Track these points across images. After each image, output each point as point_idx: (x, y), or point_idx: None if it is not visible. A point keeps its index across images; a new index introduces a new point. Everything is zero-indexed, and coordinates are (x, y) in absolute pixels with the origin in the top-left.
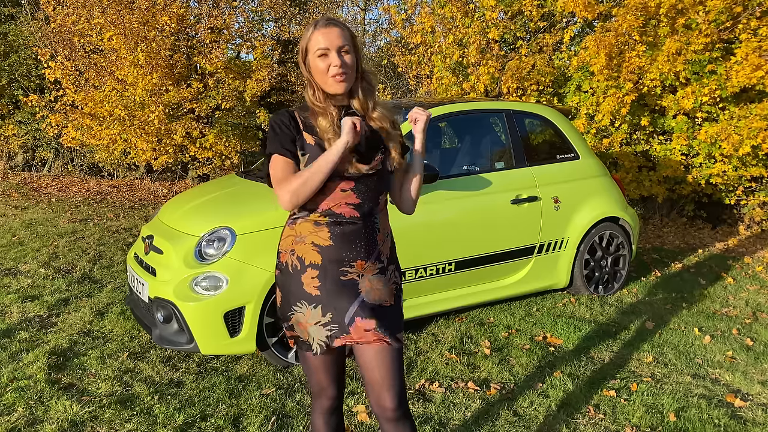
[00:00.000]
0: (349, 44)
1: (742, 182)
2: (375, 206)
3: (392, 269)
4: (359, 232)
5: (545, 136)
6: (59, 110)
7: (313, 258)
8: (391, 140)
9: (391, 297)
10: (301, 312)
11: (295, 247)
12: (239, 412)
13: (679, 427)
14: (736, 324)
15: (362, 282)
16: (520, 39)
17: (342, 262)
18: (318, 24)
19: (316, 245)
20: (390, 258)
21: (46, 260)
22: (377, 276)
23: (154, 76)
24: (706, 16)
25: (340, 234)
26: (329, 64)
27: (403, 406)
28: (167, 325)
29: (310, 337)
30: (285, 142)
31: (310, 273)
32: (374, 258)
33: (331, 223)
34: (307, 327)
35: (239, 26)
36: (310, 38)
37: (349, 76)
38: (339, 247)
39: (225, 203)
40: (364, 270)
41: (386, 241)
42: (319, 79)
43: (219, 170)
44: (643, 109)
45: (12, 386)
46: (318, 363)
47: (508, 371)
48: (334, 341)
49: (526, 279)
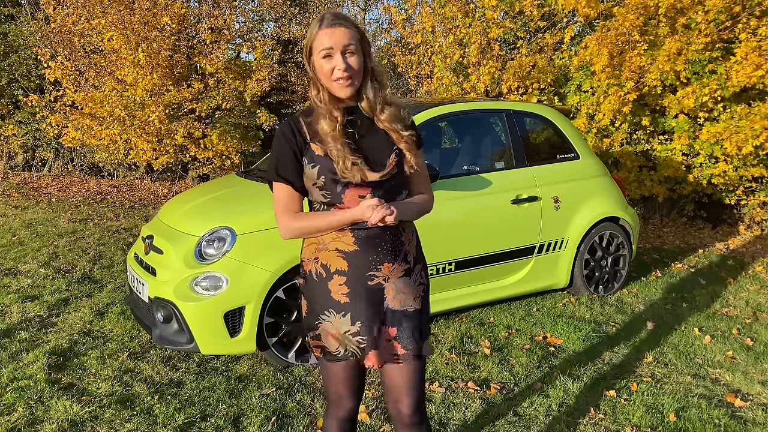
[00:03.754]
0: (356, 44)
1: (743, 182)
2: None
3: (419, 269)
4: (384, 234)
5: (545, 136)
6: (59, 110)
7: (339, 264)
8: (404, 141)
9: (417, 300)
10: (329, 321)
11: (318, 254)
12: (239, 412)
13: (679, 427)
14: (736, 324)
15: (388, 287)
16: (521, 39)
17: (369, 266)
18: (323, 22)
19: (341, 251)
20: (417, 257)
21: (46, 260)
22: (403, 279)
23: (154, 77)
24: (706, 16)
25: (365, 238)
26: (333, 67)
27: (420, 412)
28: (167, 325)
29: (341, 345)
30: (285, 167)
31: (337, 280)
32: (401, 259)
33: (354, 227)
34: (339, 335)
35: (239, 26)
36: (315, 37)
37: (355, 78)
38: (365, 251)
39: (225, 203)
40: (390, 273)
41: (412, 239)
42: (324, 81)
43: (219, 170)
44: (643, 109)
45: (12, 386)
46: (340, 373)
47: (508, 371)
48: (365, 358)
49: (526, 279)
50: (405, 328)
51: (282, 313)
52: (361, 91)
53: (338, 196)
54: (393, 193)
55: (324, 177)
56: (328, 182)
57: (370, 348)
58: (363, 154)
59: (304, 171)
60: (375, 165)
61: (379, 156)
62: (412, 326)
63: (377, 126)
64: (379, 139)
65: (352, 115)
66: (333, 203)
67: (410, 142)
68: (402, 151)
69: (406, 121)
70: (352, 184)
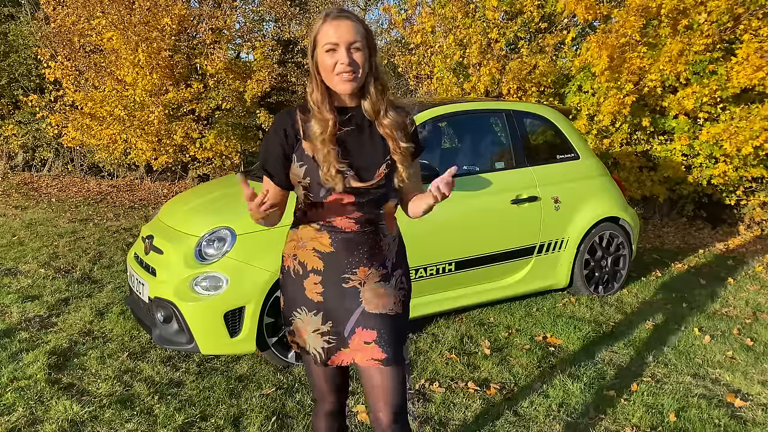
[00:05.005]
0: (362, 40)
1: (743, 183)
2: (379, 217)
3: (399, 274)
4: (361, 238)
5: (545, 136)
6: (59, 110)
7: (315, 264)
8: (399, 153)
9: (397, 305)
10: (300, 318)
11: (297, 252)
12: (239, 412)
13: (679, 427)
14: (737, 324)
15: (364, 290)
16: (522, 39)
17: (344, 269)
18: (329, 15)
19: (318, 251)
20: (396, 263)
21: (46, 260)
22: (380, 284)
23: (154, 77)
24: (708, 17)
25: (342, 240)
26: (336, 61)
27: (399, 420)
28: (167, 325)
29: (307, 345)
30: (270, 160)
31: (312, 279)
32: (378, 264)
33: (331, 230)
34: (304, 334)
35: (240, 27)
36: (320, 30)
37: (358, 75)
38: (340, 253)
39: (225, 203)
40: (366, 277)
41: (392, 245)
42: (326, 76)
43: (219, 170)
44: (643, 110)
45: (12, 386)
46: (319, 370)
47: (508, 371)
48: (332, 358)
49: (526, 279)
50: (384, 332)
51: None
52: (365, 90)
53: (320, 200)
54: (379, 202)
55: (309, 178)
56: (313, 184)
57: (339, 347)
58: (353, 160)
59: (291, 167)
60: (364, 172)
61: (369, 163)
62: (392, 329)
63: (376, 130)
64: (374, 144)
65: (350, 116)
66: (315, 205)
67: (406, 154)
68: (394, 163)
69: (407, 130)
70: (333, 191)
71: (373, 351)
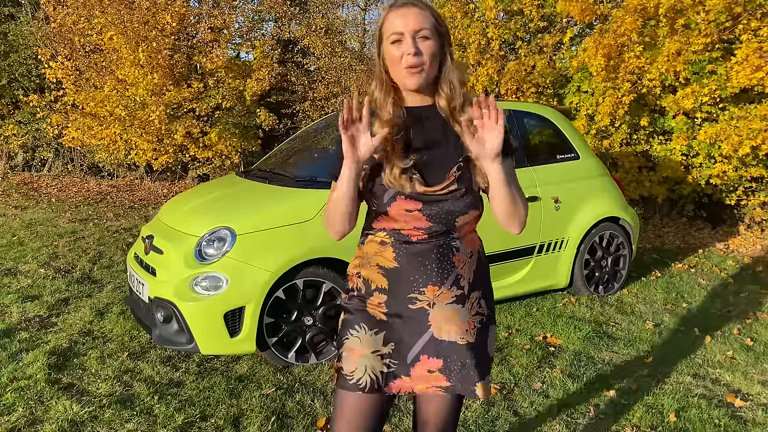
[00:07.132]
0: (430, 28)
1: (743, 182)
2: (451, 229)
3: (476, 297)
4: (430, 252)
5: (545, 136)
6: (59, 110)
7: (380, 282)
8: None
9: (470, 332)
10: (356, 337)
11: (361, 269)
12: (239, 412)
13: (679, 427)
14: (736, 324)
15: (434, 313)
16: (520, 39)
17: (410, 287)
18: (394, 4)
19: (382, 267)
20: (474, 283)
21: (46, 260)
22: (452, 305)
23: (154, 76)
24: (706, 16)
25: (406, 254)
26: (403, 53)
27: None
28: (167, 325)
29: (359, 368)
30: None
31: (377, 298)
32: (450, 283)
33: (396, 242)
34: (358, 356)
35: (239, 26)
36: (384, 21)
37: (428, 67)
38: (405, 269)
39: (225, 203)
40: (436, 298)
41: (469, 263)
42: (393, 72)
43: (219, 170)
44: (642, 110)
45: (12, 386)
46: (354, 405)
47: (508, 371)
48: (390, 384)
49: (526, 279)
50: (455, 362)
51: (282, 313)
52: (440, 86)
53: (384, 206)
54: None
55: (373, 182)
56: (377, 188)
57: (400, 374)
58: (423, 162)
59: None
60: (434, 177)
61: (438, 164)
62: (465, 361)
63: (451, 129)
64: (446, 144)
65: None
66: (379, 213)
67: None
68: (470, 162)
69: None
70: (400, 195)
71: (436, 379)
